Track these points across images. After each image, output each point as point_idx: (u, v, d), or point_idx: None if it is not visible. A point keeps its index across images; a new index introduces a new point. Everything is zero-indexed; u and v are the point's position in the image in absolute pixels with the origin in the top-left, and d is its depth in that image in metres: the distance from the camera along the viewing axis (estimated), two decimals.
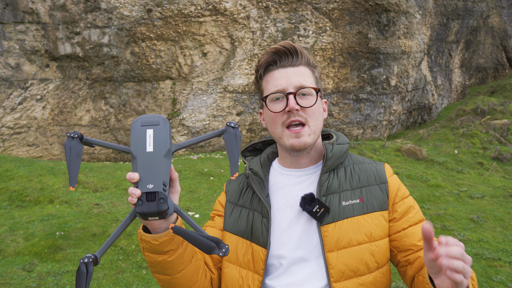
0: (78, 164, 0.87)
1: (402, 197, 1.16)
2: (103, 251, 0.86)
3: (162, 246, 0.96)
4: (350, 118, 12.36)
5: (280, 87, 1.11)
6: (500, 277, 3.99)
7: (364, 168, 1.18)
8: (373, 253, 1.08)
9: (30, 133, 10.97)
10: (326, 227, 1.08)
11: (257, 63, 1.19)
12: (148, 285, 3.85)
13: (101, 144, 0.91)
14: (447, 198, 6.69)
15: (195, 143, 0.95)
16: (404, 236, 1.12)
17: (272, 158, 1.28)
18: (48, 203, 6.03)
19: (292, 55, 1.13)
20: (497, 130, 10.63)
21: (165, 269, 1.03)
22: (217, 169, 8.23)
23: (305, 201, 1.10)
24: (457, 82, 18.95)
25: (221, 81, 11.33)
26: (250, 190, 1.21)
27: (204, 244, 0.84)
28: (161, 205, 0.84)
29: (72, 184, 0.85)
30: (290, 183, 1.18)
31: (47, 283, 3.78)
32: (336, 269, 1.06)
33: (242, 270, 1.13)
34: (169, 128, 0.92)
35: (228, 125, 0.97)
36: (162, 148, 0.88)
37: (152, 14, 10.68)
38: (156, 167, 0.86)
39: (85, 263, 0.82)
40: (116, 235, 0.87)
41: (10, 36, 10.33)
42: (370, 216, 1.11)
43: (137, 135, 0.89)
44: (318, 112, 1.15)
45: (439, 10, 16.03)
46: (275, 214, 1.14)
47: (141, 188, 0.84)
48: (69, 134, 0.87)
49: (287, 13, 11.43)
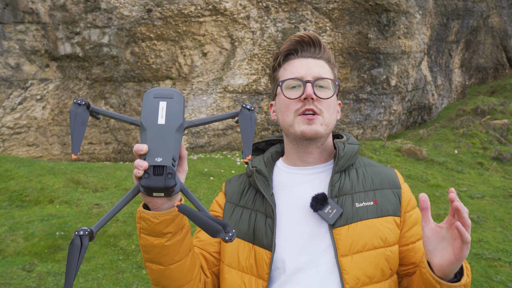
0: (82, 132, 0.83)
1: (413, 207, 1.12)
2: (99, 226, 0.80)
3: (161, 226, 0.89)
4: (350, 118, 12.36)
5: (298, 75, 1.07)
6: (500, 277, 3.99)
7: (377, 171, 1.13)
8: (388, 258, 1.02)
9: (30, 133, 10.97)
10: (339, 230, 1.01)
11: (277, 50, 1.14)
12: (148, 285, 3.85)
13: (107, 114, 0.86)
14: (447, 198, 6.69)
15: (208, 122, 0.91)
16: (412, 250, 1.07)
17: (276, 158, 1.22)
18: (48, 203, 6.03)
19: (315, 47, 1.10)
20: (497, 130, 10.63)
21: (160, 256, 0.94)
22: (217, 169, 8.23)
23: (316, 202, 1.02)
24: (457, 82, 18.94)
25: (221, 81, 11.33)
26: (252, 190, 1.14)
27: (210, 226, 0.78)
28: (168, 180, 0.78)
29: (74, 152, 0.80)
30: (298, 182, 1.11)
31: (47, 283, 3.78)
32: (351, 275, 0.98)
33: (245, 276, 1.05)
34: (183, 102, 0.87)
35: (244, 106, 0.92)
36: (175, 122, 0.83)
37: (152, 14, 10.68)
38: (166, 140, 0.81)
39: (80, 236, 0.77)
40: (115, 210, 0.82)
41: (10, 36, 10.33)
42: (384, 220, 1.04)
43: (149, 106, 0.84)
44: (334, 108, 1.10)
45: (439, 10, 16.02)
46: (281, 214, 1.07)
47: (149, 160, 0.79)
48: (76, 101, 0.83)
49: (287, 13, 11.43)
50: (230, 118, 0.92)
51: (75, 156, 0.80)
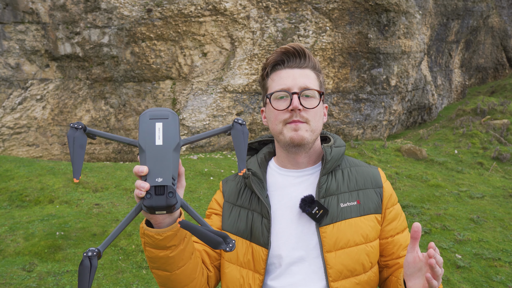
0: (82, 156, 0.85)
1: (393, 203, 1.22)
2: (106, 245, 0.84)
3: (165, 241, 0.96)
4: (350, 118, 12.35)
5: (285, 86, 1.13)
6: (500, 277, 3.99)
7: (360, 171, 1.22)
8: (368, 253, 1.12)
9: (30, 133, 10.97)
10: (324, 228, 1.11)
11: (265, 61, 1.21)
12: (148, 285, 3.85)
13: (105, 136, 0.89)
14: (447, 198, 6.69)
15: (202, 138, 0.94)
16: (390, 243, 1.18)
17: (269, 158, 1.30)
18: (48, 203, 6.03)
19: (300, 57, 1.16)
20: (497, 130, 10.63)
21: (166, 265, 1.03)
22: (217, 169, 8.23)
23: (305, 203, 1.12)
24: (457, 82, 18.94)
25: (221, 81, 11.33)
26: (248, 191, 1.22)
27: (211, 239, 0.84)
28: (170, 199, 0.83)
29: (76, 176, 0.83)
30: (289, 184, 1.20)
31: (47, 283, 3.78)
32: (334, 269, 1.09)
33: (243, 270, 1.15)
34: (178, 122, 0.91)
35: (235, 121, 0.96)
36: (172, 142, 0.87)
37: (152, 14, 10.68)
38: (165, 160, 0.85)
39: (89, 257, 0.80)
40: (119, 229, 0.85)
41: (10, 36, 10.33)
42: (366, 218, 1.14)
43: (146, 128, 0.88)
44: (319, 115, 1.17)
45: (439, 10, 16.02)
46: (275, 214, 1.16)
47: (150, 181, 0.83)
48: (73, 125, 0.85)
49: (287, 13, 11.43)
50: (223, 132, 0.96)
51: (77, 180, 0.83)
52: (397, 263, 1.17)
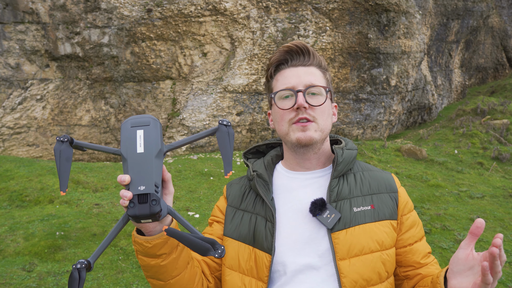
0: (68, 169, 0.85)
1: (410, 210, 1.15)
2: (96, 256, 0.84)
3: (155, 249, 0.94)
4: (350, 118, 12.36)
5: (289, 85, 1.09)
6: (500, 277, 3.99)
7: (374, 176, 1.15)
8: (384, 262, 1.05)
9: (30, 133, 10.97)
10: (337, 234, 1.03)
11: (268, 61, 1.16)
12: (148, 285, 3.85)
13: (91, 147, 0.89)
14: (447, 198, 6.69)
15: (187, 142, 0.93)
16: (409, 252, 1.10)
17: (276, 161, 1.24)
18: (48, 203, 6.03)
19: (304, 55, 1.12)
20: (497, 130, 10.64)
21: (158, 274, 0.99)
22: (217, 169, 8.23)
23: (315, 207, 1.05)
24: (457, 82, 18.95)
25: (221, 81, 11.33)
26: (252, 194, 1.16)
27: (199, 246, 0.82)
28: (153, 207, 0.81)
29: (62, 189, 0.84)
30: (297, 186, 1.13)
31: (47, 283, 3.78)
32: (348, 278, 1.00)
33: (245, 278, 1.08)
34: (160, 128, 0.89)
35: (220, 123, 0.94)
36: (153, 149, 0.86)
37: (152, 14, 10.68)
38: (147, 168, 0.84)
39: (78, 269, 0.81)
40: (109, 239, 0.85)
41: (10, 36, 10.33)
42: (381, 224, 1.07)
43: (127, 136, 0.87)
44: (328, 113, 1.12)
45: (439, 10, 16.03)
46: (280, 218, 1.09)
47: (133, 190, 0.82)
48: (59, 138, 0.85)
49: (287, 13, 11.43)
50: (209, 135, 0.94)
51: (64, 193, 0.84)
52: (419, 274, 1.09)
